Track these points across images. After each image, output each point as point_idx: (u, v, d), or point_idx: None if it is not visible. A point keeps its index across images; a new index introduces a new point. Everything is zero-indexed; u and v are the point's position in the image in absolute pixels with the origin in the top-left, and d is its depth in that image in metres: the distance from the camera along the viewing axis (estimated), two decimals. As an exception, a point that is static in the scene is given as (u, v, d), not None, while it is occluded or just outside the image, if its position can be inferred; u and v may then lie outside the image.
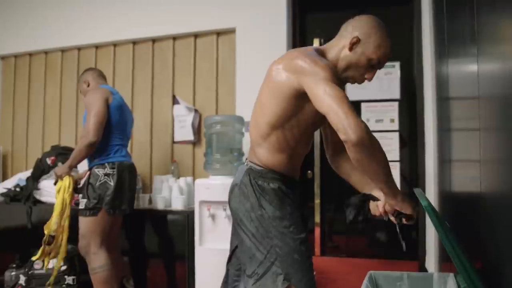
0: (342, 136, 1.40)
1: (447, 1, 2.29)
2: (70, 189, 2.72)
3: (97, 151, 2.70)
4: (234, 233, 1.79)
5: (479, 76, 1.51)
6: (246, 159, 1.77)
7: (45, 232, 2.67)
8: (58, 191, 2.73)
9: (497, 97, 1.33)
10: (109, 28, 3.78)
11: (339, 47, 1.66)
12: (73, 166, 2.75)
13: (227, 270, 1.87)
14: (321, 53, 1.67)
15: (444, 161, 2.58)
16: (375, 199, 1.74)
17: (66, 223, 2.70)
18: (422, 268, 2.91)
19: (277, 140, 1.64)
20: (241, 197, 1.67)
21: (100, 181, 2.65)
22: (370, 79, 1.69)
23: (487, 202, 1.45)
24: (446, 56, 2.37)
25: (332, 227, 3.32)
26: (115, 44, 3.84)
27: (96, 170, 2.67)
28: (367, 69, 1.65)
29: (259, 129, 1.67)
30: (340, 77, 1.66)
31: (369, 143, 1.40)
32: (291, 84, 1.57)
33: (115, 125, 2.73)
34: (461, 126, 2.00)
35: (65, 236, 2.70)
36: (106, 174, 2.66)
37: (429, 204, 1.34)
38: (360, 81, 1.70)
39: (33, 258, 2.77)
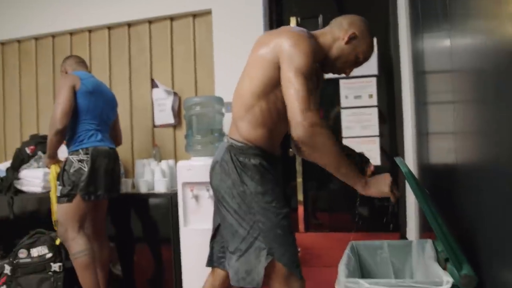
0: (291, 131, 1.51)
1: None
2: None
3: (71, 138, 2.70)
4: (216, 211, 1.82)
5: (452, 50, 1.54)
6: (226, 136, 1.78)
7: (53, 219, 2.77)
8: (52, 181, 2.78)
9: (469, 71, 1.36)
10: (83, 14, 3.72)
11: (333, 37, 1.75)
12: (52, 155, 2.73)
13: (212, 248, 1.90)
14: (312, 35, 1.72)
15: (421, 134, 2.63)
16: None
17: None
18: (404, 239, 2.98)
19: (260, 113, 1.65)
20: (222, 174, 1.69)
21: (74, 167, 2.64)
22: (348, 74, 1.83)
23: (462, 172, 1.49)
24: (421, 31, 2.40)
25: (315, 204, 3.37)
26: (90, 30, 3.79)
27: (70, 157, 2.66)
28: (351, 64, 1.78)
29: (244, 100, 1.68)
30: (324, 64, 1.74)
31: (312, 144, 1.49)
32: (275, 56, 1.60)
33: (86, 110, 2.70)
34: (436, 99, 2.04)
35: None
36: (80, 160, 2.64)
37: (409, 171, 1.37)
38: (341, 72, 1.82)
39: (57, 242, 2.82)
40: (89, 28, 3.76)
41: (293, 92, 1.51)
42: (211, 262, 1.91)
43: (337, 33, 1.74)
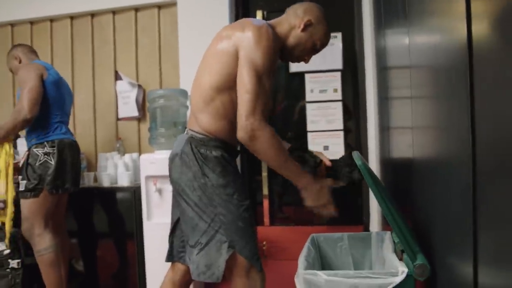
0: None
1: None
2: (11, 151, 2.61)
3: (34, 130, 2.61)
4: (175, 205, 1.80)
5: (410, 47, 1.57)
6: (186, 127, 1.76)
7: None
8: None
9: (424, 67, 1.39)
10: (44, 2, 3.60)
11: (290, 26, 1.75)
12: (6, 138, 2.61)
13: (171, 242, 1.88)
14: (271, 26, 1.71)
15: (383, 129, 2.67)
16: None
17: (10, 185, 2.60)
18: (367, 231, 3.04)
19: (221, 105, 1.64)
20: (183, 167, 1.67)
21: (40, 160, 2.56)
22: (307, 61, 1.85)
23: (418, 167, 1.53)
24: (383, 28, 2.44)
25: (280, 198, 3.38)
26: (51, 20, 3.67)
27: (35, 150, 2.58)
28: (309, 52, 1.80)
29: (203, 93, 1.67)
30: (282, 53, 1.74)
31: (252, 147, 1.55)
32: (236, 50, 1.59)
33: (52, 101, 2.63)
34: (397, 94, 2.08)
35: (10, 195, 2.61)
36: (46, 153, 2.57)
37: (363, 164, 1.39)
38: (300, 60, 1.84)
39: (6, 241, 2.70)
40: (51, 17, 3.65)
41: (243, 92, 1.54)
42: (171, 257, 1.89)
43: (293, 21, 1.75)
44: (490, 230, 0.86)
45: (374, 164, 2.91)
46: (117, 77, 3.52)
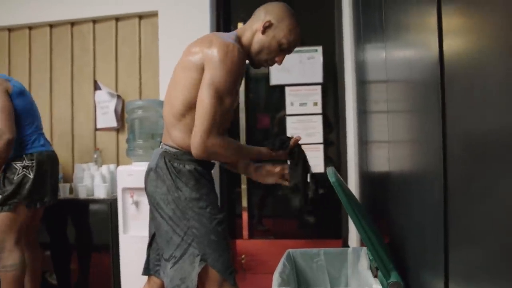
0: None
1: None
2: None
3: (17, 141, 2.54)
4: (152, 218, 1.77)
5: (387, 61, 1.57)
6: (161, 142, 1.75)
7: None
8: None
9: (400, 81, 1.39)
10: (23, 9, 3.55)
11: (252, 31, 1.72)
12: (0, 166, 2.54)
13: (148, 255, 1.85)
14: (238, 38, 1.69)
15: (362, 142, 2.67)
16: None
17: None
18: (346, 246, 3.02)
19: (192, 121, 1.62)
20: (158, 180, 1.66)
21: (18, 174, 2.49)
22: (280, 63, 1.79)
23: (394, 182, 1.52)
24: (362, 42, 2.45)
25: (260, 211, 3.35)
26: (30, 27, 3.62)
27: (13, 163, 2.52)
28: (277, 53, 1.74)
29: (174, 109, 1.66)
30: (252, 60, 1.72)
31: (206, 156, 1.61)
32: (203, 65, 1.57)
33: (21, 112, 2.56)
34: (375, 108, 2.08)
35: None
36: (24, 167, 2.51)
37: (337, 180, 1.38)
38: (271, 63, 1.79)
39: None
40: (29, 25, 3.60)
41: (201, 110, 1.54)
42: (147, 271, 1.86)
43: (255, 25, 1.72)
44: (460, 246, 0.85)
45: (353, 178, 2.91)
46: (96, 86, 3.48)
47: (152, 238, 1.82)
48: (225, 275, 1.60)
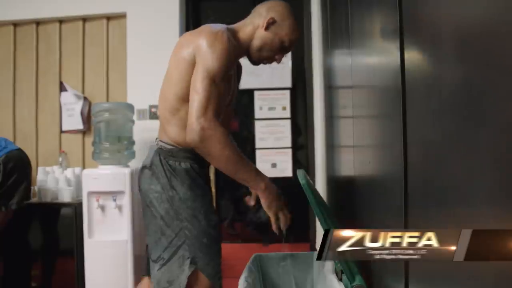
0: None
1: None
2: None
3: None
4: (143, 216, 1.72)
5: (352, 67, 1.59)
6: (156, 138, 1.71)
7: None
8: None
9: (364, 87, 1.42)
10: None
11: (253, 27, 1.70)
12: None
13: (147, 256, 1.80)
14: (232, 33, 1.67)
15: (329, 147, 2.71)
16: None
17: None
18: (313, 249, 3.04)
19: (186, 115, 1.54)
20: (152, 178, 1.61)
21: None
22: (279, 61, 1.75)
23: (358, 185, 1.54)
24: (330, 47, 2.48)
25: (228, 214, 3.35)
26: (-7, 26, 3.53)
27: None
28: (278, 51, 1.71)
29: (168, 104, 1.61)
30: (250, 57, 1.71)
31: (203, 148, 1.46)
32: (194, 56, 1.55)
33: None
34: (341, 113, 2.11)
35: None
36: None
37: (307, 182, 1.39)
38: (271, 61, 1.75)
39: None
40: (-8, 23, 3.50)
41: (195, 97, 1.47)
42: (147, 271, 1.81)
43: (257, 21, 1.69)
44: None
45: (320, 181, 2.94)
46: (62, 88, 3.40)
47: None
48: (214, 280, 1.58)
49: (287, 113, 3.16)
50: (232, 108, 1.78)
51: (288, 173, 3.12)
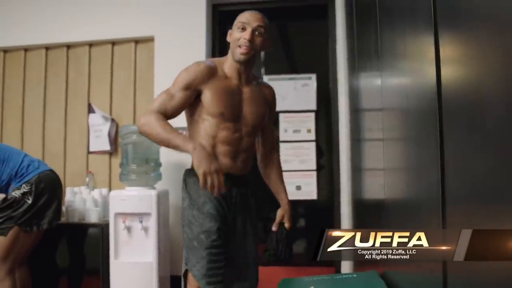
0: None
1: (357, 18, 2.40)
2: None
3: (10, 178, 2.51)
4: None
5: (382, 90, 1.59)
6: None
7: None
8: None
9: (396, 109, 1.41)
10: (19, 31, 3.56)
11: None
12: None
13: None
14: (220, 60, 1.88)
15: (356, 170, 2.68)
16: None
17: None
18: (338, 272, 2.99)
19: (191, 134, 1.81)
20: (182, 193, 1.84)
21: (16, 200, 2.45)
22: (246, 38, 1.76)
23: (389, 207, 1.52)
24: (357, 70, 2.48)
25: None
26: (26, 49, 3.63)
27: (12, 193, 2.47)
28: (237, 38, 1.78)
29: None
30: (237, 58, 1.79)
31: (141, 132, 1.71)
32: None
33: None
34: (370, 136, 2.09)
35: None
36: (23, 194, 2.47)
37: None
38: (240, 47, 1.79)
39: None
40: (25, 46, 3.60)
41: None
42: None
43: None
44: (461, 276, 0.85)
45: (345, 204, 2.90)
46: (90, 109, 3.47)
47: None
48: (200, 281, 1.67)
49: (312, 136, 3.15)
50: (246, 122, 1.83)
51: (313, 195, 3.09)
